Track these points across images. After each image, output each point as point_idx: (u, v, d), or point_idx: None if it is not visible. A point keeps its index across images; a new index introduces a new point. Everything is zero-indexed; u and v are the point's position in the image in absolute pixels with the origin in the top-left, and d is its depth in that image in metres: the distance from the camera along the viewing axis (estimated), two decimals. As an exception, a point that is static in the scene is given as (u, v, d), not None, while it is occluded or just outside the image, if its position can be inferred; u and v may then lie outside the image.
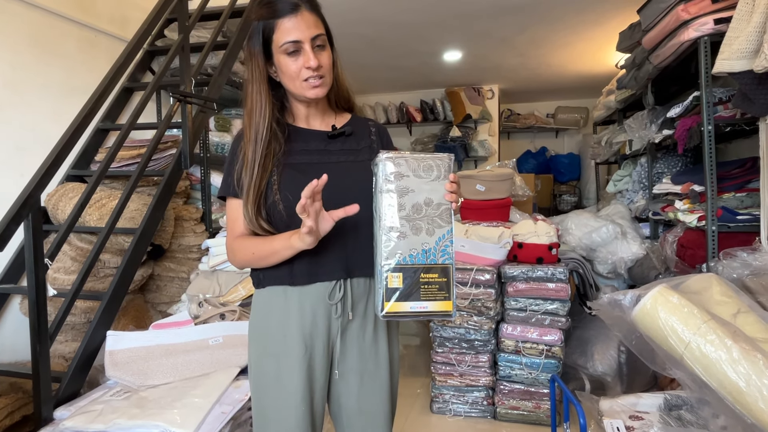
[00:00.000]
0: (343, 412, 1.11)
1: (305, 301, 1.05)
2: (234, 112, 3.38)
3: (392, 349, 1.14)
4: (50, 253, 1.66)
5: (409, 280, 0.90)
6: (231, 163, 1.08)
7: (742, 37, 1.60)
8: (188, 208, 2.68)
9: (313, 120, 1.13)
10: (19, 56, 2.27)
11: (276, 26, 1.01)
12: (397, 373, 1.16)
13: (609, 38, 3.77)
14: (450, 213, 0.94)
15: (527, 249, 2.44)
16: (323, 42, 1.04)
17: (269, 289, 1.08)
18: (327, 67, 1.05)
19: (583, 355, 2.52)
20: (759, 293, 1.55)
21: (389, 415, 1.13)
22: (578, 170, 6.12)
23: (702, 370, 1.16)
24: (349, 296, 1.06)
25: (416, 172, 0.92)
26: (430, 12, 3.31)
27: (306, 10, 1.01)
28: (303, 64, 1.02)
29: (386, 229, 0.90)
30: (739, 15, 1.66)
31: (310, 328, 1.05)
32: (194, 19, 2.51)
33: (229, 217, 1.10)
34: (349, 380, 1.09)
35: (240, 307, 2.00)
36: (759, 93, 1.64)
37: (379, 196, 0.92)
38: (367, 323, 1.09)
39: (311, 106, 1.12)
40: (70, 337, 2.18)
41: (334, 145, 1.10)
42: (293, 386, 1.04)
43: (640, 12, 2.50)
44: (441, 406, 2.47)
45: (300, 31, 1.00)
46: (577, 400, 1.42)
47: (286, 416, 1.04)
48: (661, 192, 2.65)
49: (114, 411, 1.49)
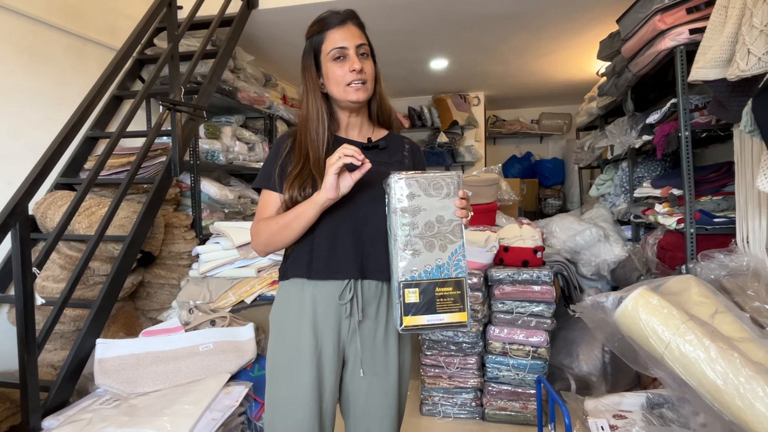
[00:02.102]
0: (351, 411, 1.14)
1: (318, 298, 1.09)
2: (224, 120, 3.37)
3: (403, 354, 1.16)
4: (38, 262, 1.63)
5: (425, 295, 0.94)
6: (274, 158, 1.15)
7: (715, 47, 1.64)
8: (178, 215, 2.66)
9: (351, 130, 1.19)
10: (7, 65, 2.24)
11: (325, 37, 1.11)
12: (407, 378, 1.19)
13: (590, 47, 3.82)
14: (461, 228, 0.96)
15: (513, 252, 2.45)
16: (366, 51, 1.12)
17: (292, 281, 1.13)
18: (369, 74, 1.12)
19: (568, 356, 2.54)
20: (735, 293, 1.58)
21: (395, 418, 1.15)
22: (562, 174, 6.19)
23: (682, 369, 1.17)
24: (360, 297, 1.09)
25: (427, 191, 0.95)
26: (417, 21, 3.33)
27: (351, 23, 1.12)
28: (348, 68, 1.09)
29: (401, 248, 0.94)
30: (713, 25, 1.70)
31: (320, 325, 1.09)
32: (183, 28, 2.50)
33: (260, 205, 1.16)
34: (360, 381, 1.12)
35: (230, 313, 1.99)
36: (732, 100, 1.68)
37: (393, 216, 0.95)
38: (378, 326, 1.12)
39: (352, 115, 1.17)
40: (59, 345, 2.14)
41: (368, 156, 1.13)
42: (303, 381, 1.07)
43: (620, 22, 2.54)
44: (430, 408, 2.47)
45: (345, 39, 1.09)
46: (562, 401, 1.43)
47: (295, 410, 1.07)
48: (641, 195, 2.69)
49: (103, 419, 1.46)
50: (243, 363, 1.77)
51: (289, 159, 1.13)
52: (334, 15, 1.11)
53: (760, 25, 1.43)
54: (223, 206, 3.02)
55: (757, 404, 1.05)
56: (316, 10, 1.19)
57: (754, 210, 1.74)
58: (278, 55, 3.95)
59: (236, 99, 3.22)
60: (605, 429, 1.33)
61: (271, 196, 1.14)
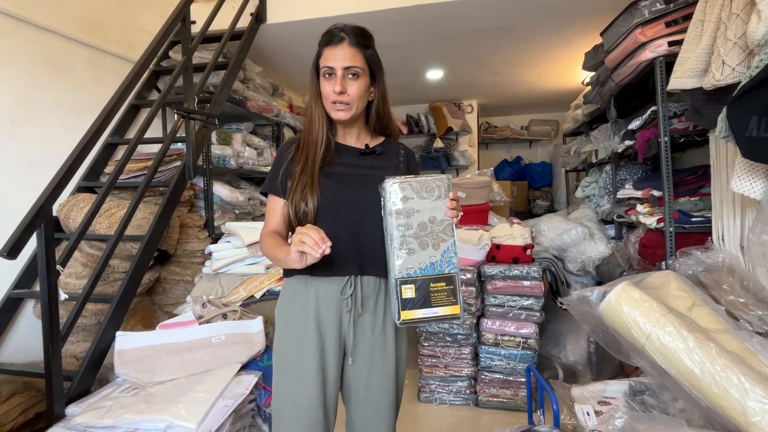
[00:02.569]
0: (352, 398, 1.14)
1: (321, 293, 1.09)
2: (234, 127, 3.37)
3: (399, 345, 1.16)
4: (62, 260, 1.63)
5: (421, 290, 0.95)
6: (277, 163, 1.16)
7: (692, 58, 1.64)
8: (192, 215, 2.65)
9: (348, 138, 1.19)
10: (32, 76, 2.24)
11: (322, 53, 1.11)
12: (403, 368, 1.19)
13: (575, 58, 3.82)
14: (452, 227, 0.96)
15: (504, 250, 2.45)
16: (358, 72, 1.10)
17: (296, 278, 1.13)
18: (354, 95, 1.10)
19: (556, 346, 2.54)
20: (711, 288, 1.58)
21: (393, 405, 1.15)
22: (550, 177, 6.18)
23: (661, 358, 1.17)
24: (360, 292, 1.10)
25: (420, 194, 0.95)
26: (413, 35, 3.33)
27: (348, 44, 1.09)
28: (331, 88, 1.08)
29: (397, 247, 0.94)
30: (690, 38, 1.70)
31: (323, 318, 1.09)
32: (197, 42, 2.50)
33: (267, 209, 1.18)
34: (360, 370, 1.12)
35: (241, 307, 1.99)
36: (708, 108, 1.68)
37: (388, 218, 0.95)
38: (376, 320, 1.12)
39: (345, 126, 1.17)
40: (81, 337, 2.14)
41: (365, 161, 1.16)
42: (308, 370, 1.07)
43: (603, 35, 2.54)
44: (427, 395, 2.47)
45: (335, 60, 1.08)
46: (550, 388, 1.43)
47: (301, 397, 1.07)
48: (624, 197, 2.69)
49: (123, 407, 1.46)
50: (253, 354, 1.77)
51: (292, 165, 1.14)
52: (336, 33, 1.10)
53: (734, 38, 1.43)
54: (234, 208, 3.02)
55: (731, 391, 1.05)
56: (319, 25, 1.19)
57: (729, 210, 1.74)
58: (285, 66, 3.95)
59: (246, 107, 3.22)
60: (591, 414, 1.33)
61: (276, 202, 1.15)
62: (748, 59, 1.41)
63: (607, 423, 1.13)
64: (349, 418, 1.17)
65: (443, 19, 3.06)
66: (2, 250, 1.43)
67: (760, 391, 1.03)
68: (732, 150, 1.71)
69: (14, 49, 2.16)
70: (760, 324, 1.41)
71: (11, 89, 2.14)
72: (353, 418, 1.15)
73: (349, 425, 1.17)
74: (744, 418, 1.03)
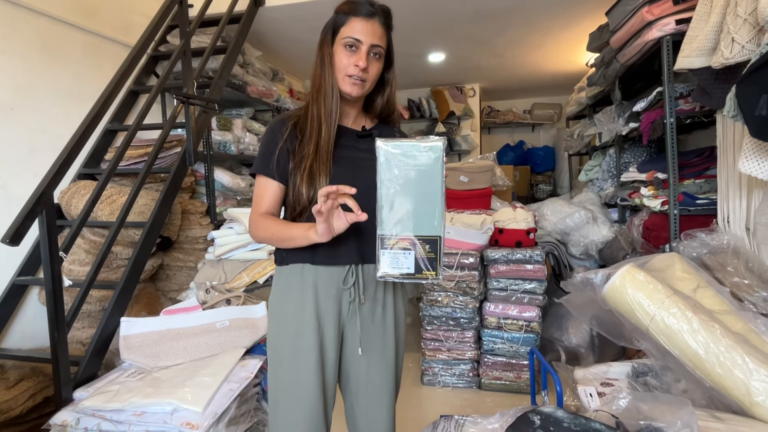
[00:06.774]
0: (351, 386, 1.12)
1: (319, 282, 1.06)
2: (234, 112, 3.34)
3: (398, 332, 1.15)
4: (64, 247, 1.63)
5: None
6: (269, 143, 1.07)
7: (701, 36, 1.60)
8: (194, 202, 2.65)
9: (345, 118, 1.13)
10: (29, 62, 2.21)
11: (347, 21, 1.04)
12: (402, 354, 1.17)
13: (579, 39, 3.75)
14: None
15: (507, 234, 2.45)
16: (380, 53, 1.06)
17: (290, 267, 1.08)
18: (372, 75, 1.07)
19: (559, 329, 2.55)
20: (716, 270, 1.57)
21: (393, 391, 1.15)
22: (553, 161, 6.14)
23: (665, 340, 1.17)
24: (361, 281, 1.07)
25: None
26: (415, 17, 3.27)
27: (378, 21, 1.04)
28: (354, 61, 1.03)
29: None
30: (698, 16, 1.66)
31: (321, 307, 1.06)
32: (195, 26, 2.46)
33: (256, 193, 1.09)
34: (360, 358, 1.10)
35: (244, 292, 1.99)
36: (716, 88, 1.65)
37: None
38: (376, 307, 1.10)
39: (348, 104, 1.11)
40: (86, 323, 2.15)
41: (362, 144, 1.11)
42: (307, 360, 1.05)
43: (608, 14, 2.49)
44: (431, 378, 2.49)
45: (365, 34, 1.03)
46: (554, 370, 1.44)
47: (300, 390, 1.05)
48: (628, 180, 2.67)
49: (129, 391, 1.48)
50: (257, 338, 1.78)
51: (290, 144, 1.06)
52: (367, 5, 1.04)
53: (744, 14, 1.39)
54: (235, 194, 3.02)
55: (735, 371, 1.05)
56: (319, 8, 1.16)
57: (735, 192, 1.72)
58: (284, 50, 3.89)
59: (246, 93, 3.19)
60: (593, 396, 1.33)
61: (269, 184, 1.07)
62: (758, 36, 1.37)
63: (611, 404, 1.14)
64: (349, 405, 1.15)
65: (445, 1, 3.00)
66: (4, 237, 1.42)
67: (764, 371, 1.03)
68: (740, 130, 1.68)
69: (10, 35, 2.13)
70: (764, 305, 1.41)
71: (9, 76, 2.12)
72: (353, 405, 1.13)
73: (349, 412, 1.15)
74: (748, 398, 1.03)
